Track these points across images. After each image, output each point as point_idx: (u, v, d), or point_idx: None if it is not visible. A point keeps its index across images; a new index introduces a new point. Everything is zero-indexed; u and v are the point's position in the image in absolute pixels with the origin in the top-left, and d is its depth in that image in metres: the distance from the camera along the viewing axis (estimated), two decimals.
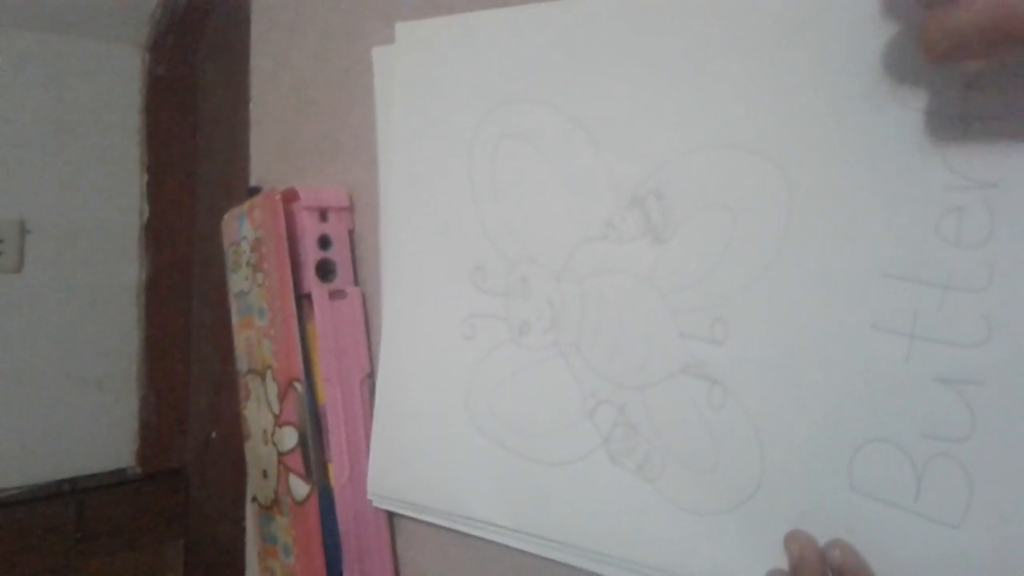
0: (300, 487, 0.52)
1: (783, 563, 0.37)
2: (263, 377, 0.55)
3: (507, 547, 0.47)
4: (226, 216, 0.60)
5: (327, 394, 0.53)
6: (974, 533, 0.33)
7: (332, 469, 0.53)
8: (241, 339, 0.59)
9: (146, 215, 1.87)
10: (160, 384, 1.90)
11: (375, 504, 0.53)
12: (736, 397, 0.39)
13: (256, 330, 0.56)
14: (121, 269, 1.84)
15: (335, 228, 0.56)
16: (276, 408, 0.54)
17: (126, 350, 1.86)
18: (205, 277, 1.85)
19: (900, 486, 0.35)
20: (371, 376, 0.55)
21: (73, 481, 1.79)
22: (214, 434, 1.79)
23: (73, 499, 1.78)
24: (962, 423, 0.33)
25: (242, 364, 0.59)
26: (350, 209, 0.57)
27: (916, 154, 0.34)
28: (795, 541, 0.36)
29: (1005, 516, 0.32)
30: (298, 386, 0.52)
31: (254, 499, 0.59)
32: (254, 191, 0.61)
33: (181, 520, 1.94)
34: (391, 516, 0.55)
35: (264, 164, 0.69)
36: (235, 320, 0.60)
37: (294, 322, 0.52)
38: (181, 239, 1.91)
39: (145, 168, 1.87)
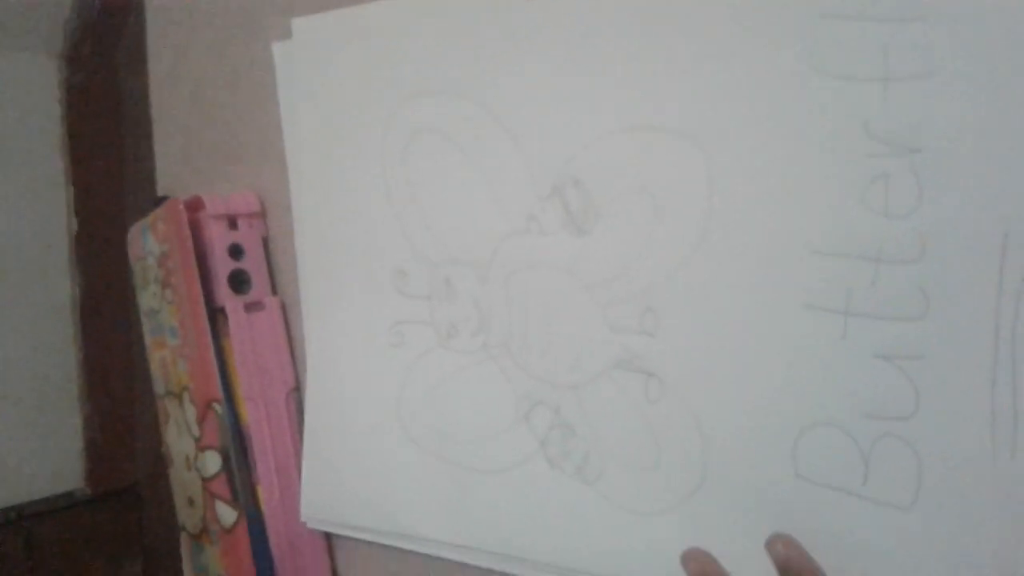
0: (227, 513, 0.49)
1: (730, 555, 0.34)
2: (180, 399, 0.52)
3: (451, 560, 0.45)
4: (131, 230, 0.56)
5: (250, 413, 0.50)
6: (926, 515, 0.32)
7: (261, 492, 0.50)
8: (155, 360, 0.55)
9: (75, 229, 1.80)
10: (103, 401, 1.82)
11: (310, 526, 0.50)
12: (673, 389, 0.37)
13: (170, 350, 0.52)
14: (53, 286, 1.77)
15: (247, 236, 0.52)
16: (196, 432, 0.51)
17: (64, 368, 1.78)
18: None
19: (847, 470, 0.33)
20: (297, 390, 0.52)
21: (19, 509, 1.72)
22: (163, 448, 1.74)
23: (21, 528, 1.71)
24: (906, 400, 0.32)
25: (159, 387, 0.56)
26: (262, 214, 0.54)
27: (836, 123, 0.32)
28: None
29: (957, 494, 0.31)
30: (217, 407, 0.49)
31: (183, 528, 0.55)
32: (160, 201, 0.57)
33: (137, 539, 1.88)
34: (329, 536, 0.52)
35: (170, 171, 0.65)
36: (148, 341, 0.56)
37: (208, 339, 0.49)
38: (114, 252, 1.84)
39: (70, 181, 1.80)
